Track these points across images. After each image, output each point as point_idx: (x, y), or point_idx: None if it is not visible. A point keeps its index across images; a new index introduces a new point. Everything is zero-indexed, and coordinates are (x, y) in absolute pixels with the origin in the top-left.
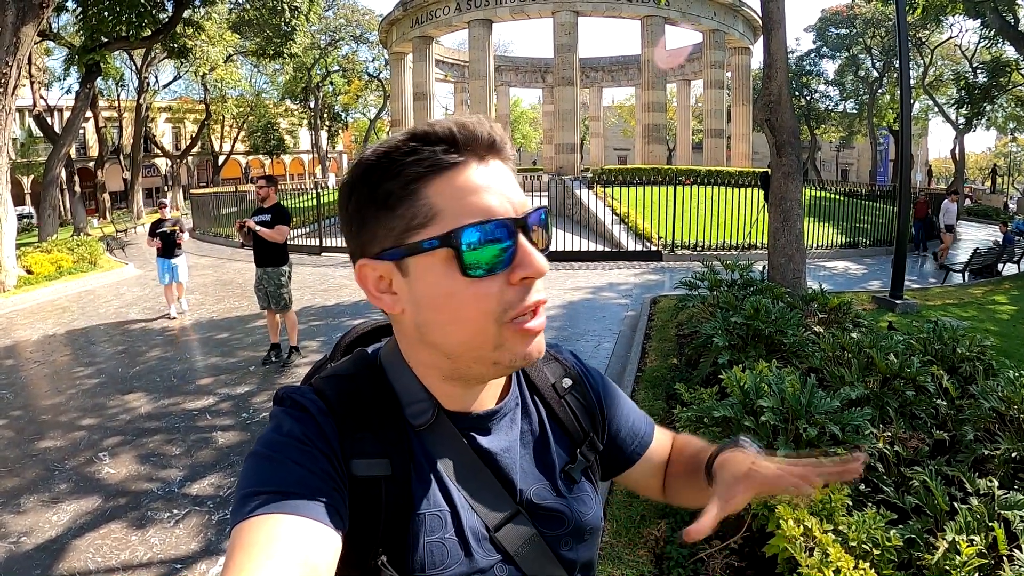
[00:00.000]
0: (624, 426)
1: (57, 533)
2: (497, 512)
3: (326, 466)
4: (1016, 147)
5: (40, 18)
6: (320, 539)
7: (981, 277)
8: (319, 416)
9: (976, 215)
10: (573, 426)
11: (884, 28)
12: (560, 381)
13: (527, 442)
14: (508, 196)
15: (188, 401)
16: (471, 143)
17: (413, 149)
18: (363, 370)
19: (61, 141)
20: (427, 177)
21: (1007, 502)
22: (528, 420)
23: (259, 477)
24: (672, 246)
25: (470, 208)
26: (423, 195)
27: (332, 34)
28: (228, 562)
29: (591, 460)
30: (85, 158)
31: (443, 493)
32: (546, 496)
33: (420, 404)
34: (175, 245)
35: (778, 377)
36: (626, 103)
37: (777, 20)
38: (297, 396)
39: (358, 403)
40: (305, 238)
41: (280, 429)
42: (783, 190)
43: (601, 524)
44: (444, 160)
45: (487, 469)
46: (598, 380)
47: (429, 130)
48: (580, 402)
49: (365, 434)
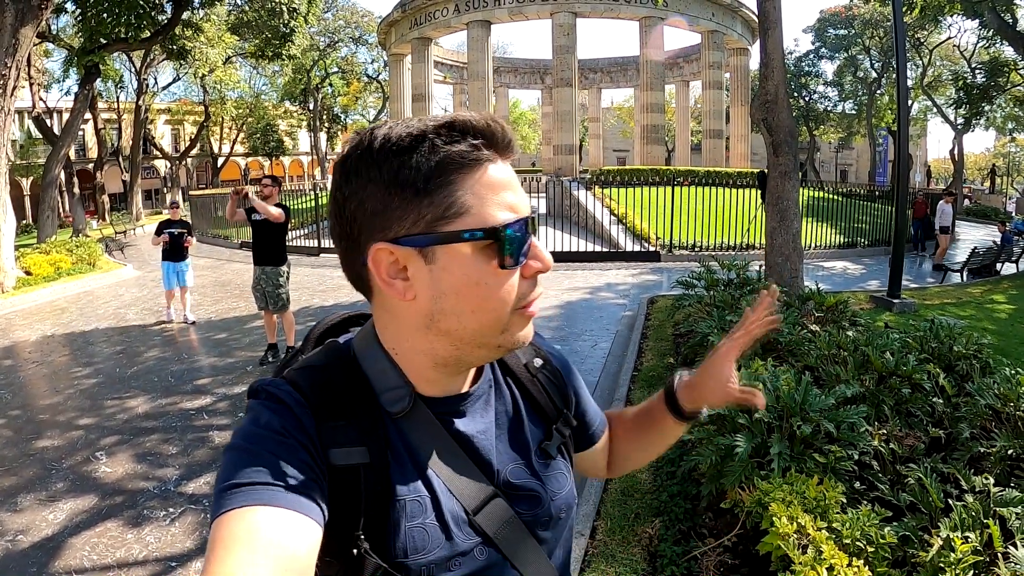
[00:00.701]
0: (587, 409)
1: (54, 531)
2: (475, 495)
3: (305, 457)
4: (1015, 147)
5: (39, 19)
6: (300, 530)
7: (979, 277)
8: (295, 407)
9: (975, 215)
10: (547, 403)
11: (883, 29)
12: (531, 361)
13: (502, 423)
14: (522, 195)
15: (185, 401)
16: (499, 141)
17: (454, 139)
18: (335, 360)
19: (60, 143)
20: (464, 169)
21: (1002, 499)
22: (502, 401)
23: (238, 470)
24: (670, 247)
25: (502, 204)
26: (459, 186)
27: (331, 36)
28: (209, 556)
29: (566, 436)
30: (84, 160)
31: (422, 478)
32: (522, 475)
33: (396, 391)
34: (183, 248)
35: (773, 375)
36: (625, 104)
37: (773, 20)
38: (272, 388)
39: (332, 393)
40: (303, 239)
41: (257, 421)
42: (780, 190)
43: (575, 501)
44: (481, 155)
45: (464, 452)
46: (564, 361)
47: (469, 120)
48: (552, 380)
49: (341, 423)
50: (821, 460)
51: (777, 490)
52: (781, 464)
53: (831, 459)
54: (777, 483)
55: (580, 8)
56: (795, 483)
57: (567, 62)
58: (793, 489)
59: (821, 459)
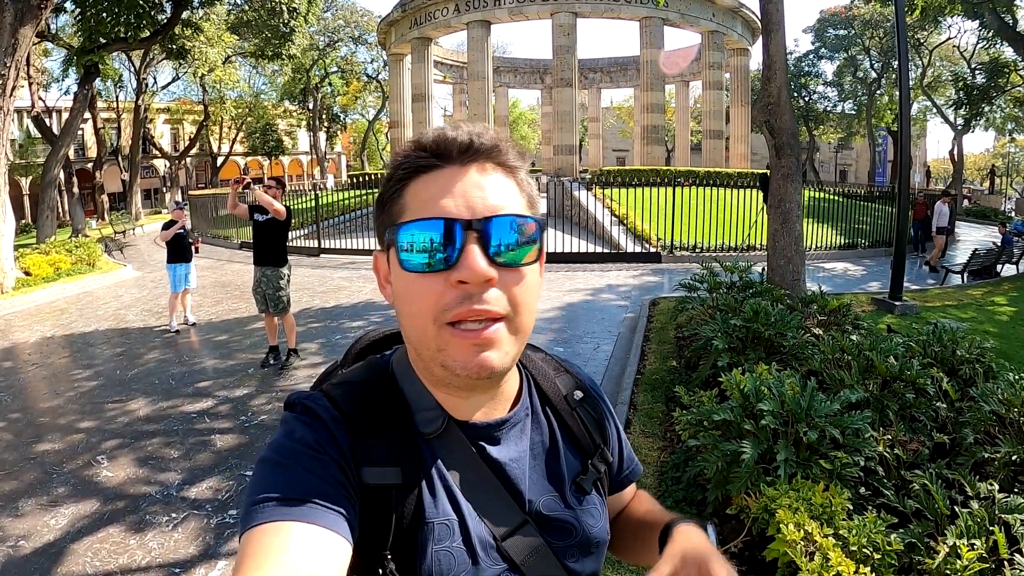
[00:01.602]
0: (623, 449)
1: (55, 537)
2: (505, 522)
3: (337, 473)
4: (1015, 148)
5: (38, 19)
6: (330, 547)
7: (980, 278)
8: (331, 423)
9: (975, 216)
10: (584, 437)
11: (882, 29)
12: (572, 393)
13: (537, 453)
14: (470, 199)
15: (186, 404)
16: (446, 147)
17: (406, 154)
18: (375, 377)
19: (59, 142)
20: (408, 179)
21: (1007, 506)
22: (539, 430)
23: (270, 484)
24: (671, 248)
25: (423, 207)
26: (403, 194)
27: (331, 35)
28: (237, 569)
29: (601, 472)
30: (83, 159)
31: (451, 502)
32: (555, 507)
33: (430, 412)
34: (189, 249)
35: (778, 380)
36: (625, 104)
37: (776, 22)
38: (309, 402)
39: (370, 410)
40: (304, 239)
41: (292, 435)
42: (782, 192)
43: (607, 538)
44: (422, 164)
45: (496, 479)
46: (604, 397)
47: (420, 137)
48: (591, 414)
49: (376, 441)
50: (827, 466)
51: (783, 496)
52: (787, 470)
53: (837, 465)
54: (783, 489)
55: (580, 8)
56: (801, 489)
57: (567, 62)
58: (799, 495)
59: (827, 465)
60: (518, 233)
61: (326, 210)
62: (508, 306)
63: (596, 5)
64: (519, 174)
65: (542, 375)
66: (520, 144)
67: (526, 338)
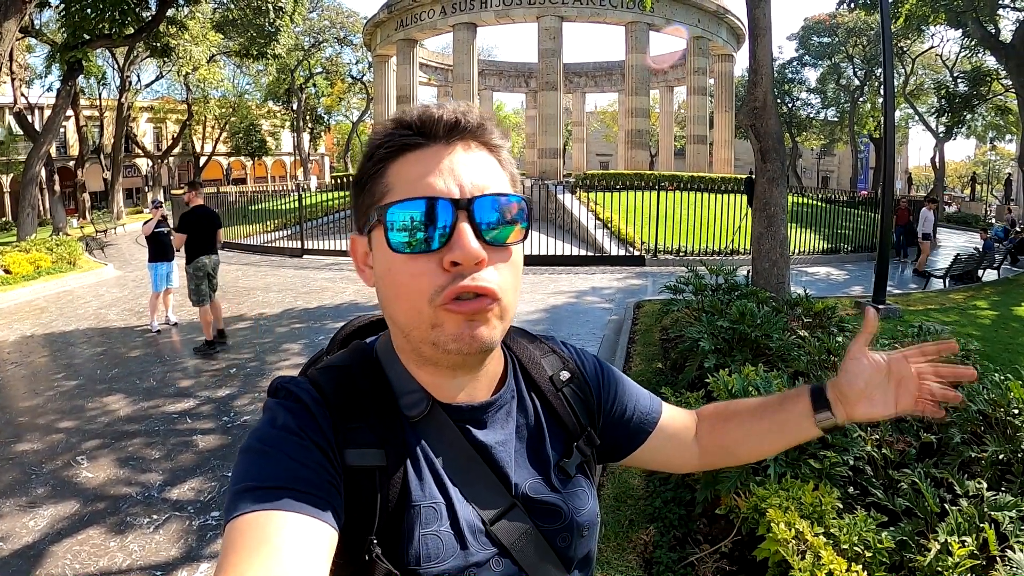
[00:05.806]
0: (630, 404)
1: (34, 539)
2: (493, 505)
3: (320, 458)
4: (995, 155)
5: (22, 14)
6: (315, 535)
7: (962, 283)
8: (313, 406)
9: (956, 222)
10: (570, 420)
11: (866, 37)
12: (558, 374)
13: (522, 436)
14: (459, 178)
15: (168, 404)
16: (431, 125)
17: (388, 132)
18: (359, 361)
19: (41, 139)
20: (391, 157)
21: (996, 503)
22: (524, 413)
23: (252, 472)
24: (654, 251)
25: (411, 187)
26: (385, 173)
27: (316, 36)
28: (221, 561)
29: (587, 455)
30: (65, 157)
31: (438, 485)
32: (541, 490)
33: (414, 395)
34: (171, 248)
35: (765, 381)
36: (608, 109)
37: (763, 27)
38: (292, 386)
39: (353, 394)
40: (286, 240)
41: (274, 422)
42: (767, 195)
43: (598, 519)
44: (410, 141)
45: (482, 462)
46: (597, 368)
47: (401, 115)
48: (577, 395)
49: (360, 424)
50: (816, 466)
51: (773, 496)
52: (777, 470)
53: (826, 465)
54: (773, 489)
55: (566, 12)
56: (791, 489)
57: (553, 66)
58: (789, 495)
59: (816, 465)
60: (504, 212)
61: (309, 211)
62: (498, 283)
63: (582, 9)
64: (502, 152)
65: (527, 356)
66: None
67: (511, 316)
